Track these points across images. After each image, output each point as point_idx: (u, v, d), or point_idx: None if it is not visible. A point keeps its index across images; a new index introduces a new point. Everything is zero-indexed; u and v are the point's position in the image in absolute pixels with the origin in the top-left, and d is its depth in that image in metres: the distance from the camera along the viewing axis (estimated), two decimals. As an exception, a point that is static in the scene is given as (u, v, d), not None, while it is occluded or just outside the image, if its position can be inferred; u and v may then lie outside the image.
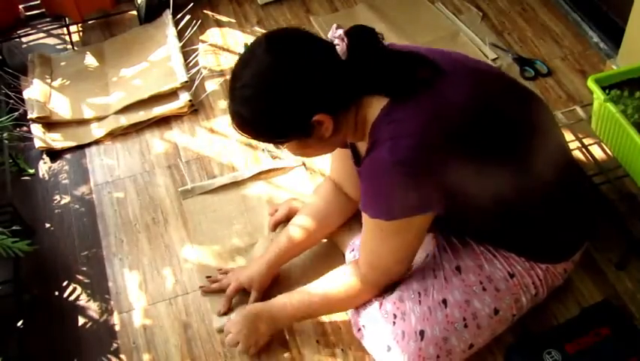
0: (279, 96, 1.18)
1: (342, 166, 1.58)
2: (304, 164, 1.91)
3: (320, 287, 1.44)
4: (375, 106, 1.23)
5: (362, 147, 1.35)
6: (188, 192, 1.86)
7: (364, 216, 1.30)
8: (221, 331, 1.55)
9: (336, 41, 1.20)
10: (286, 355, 1.51)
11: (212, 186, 1.86)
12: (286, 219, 1.71)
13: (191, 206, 1.83)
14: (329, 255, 1.66)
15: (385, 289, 1.42)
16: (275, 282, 1.60)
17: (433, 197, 1.22)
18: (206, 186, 1.86)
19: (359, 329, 1.45)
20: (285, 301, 1.46)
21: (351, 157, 1.45)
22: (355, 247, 1.56)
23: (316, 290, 1.44)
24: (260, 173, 1.89)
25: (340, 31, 1.21)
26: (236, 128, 1.26)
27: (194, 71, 2.13)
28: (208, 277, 1.65)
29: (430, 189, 1.21)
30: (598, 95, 1.68)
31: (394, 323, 1.36)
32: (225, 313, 1.57)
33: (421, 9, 2.36)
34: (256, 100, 1.20)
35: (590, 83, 1.69)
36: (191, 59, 2.19)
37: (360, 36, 1.22)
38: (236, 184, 1.87)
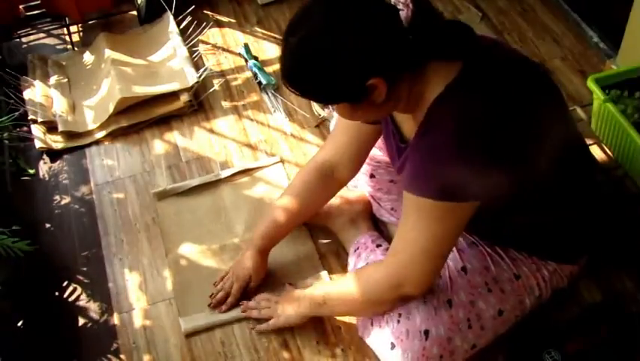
0: (335, 56, 1.13)
1: (344, 145, 1.51)
2: (282, 161, 1.91)
3: (344, 283, 1.41)
4: (437, 79, 1.18)
5: (406, 121, 1.30)
6: (162, 193, 1.84)
7: (407, 199, 1.24)
8: (188, 335, 1.55)
9: (400, 6, 1.14)
10: (286, 355, 1.52)
11: (187, 186, 1.84)
12: None
13: (166, 208, 1.81)
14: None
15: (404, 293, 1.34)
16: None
17: (486, 185, 1.18)
18: (181, 187, 1.85)
19: (363, 325, 1.45)
20: (311, 297, 1.45)
21: (392, 134, 1.37)
22: (360, 244, 1.56)
23: (340, 286, 1.42)
24: (236, 173, 1.88)
25: None
26: (287, 85, 1.20)
27: (201, 71, 2.13)
28: (210, 295, 1.60)
29: (487, 177, 1.17)
30: (598, 95, 1.68)
31: (399, 321, 1.36)
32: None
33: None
34: (310, 59, 1.15)
35: (590, 83, 1.70)
36: (193, 58, 2.19)
37: (424, 3, 1.17)
38: (212, 185, 1.85)
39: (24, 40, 2.37)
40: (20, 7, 2.35)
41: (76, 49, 2.32)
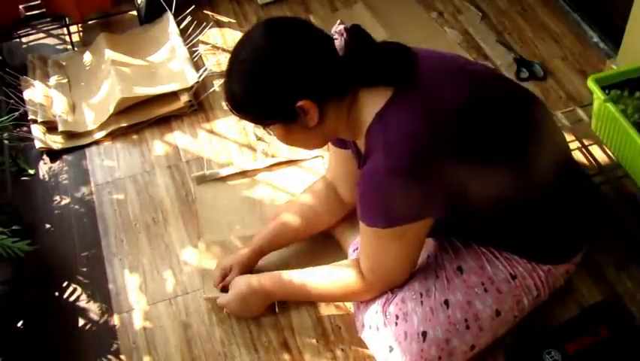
0: (267, 75, 1.21)
1: (339, 167, 1.59)
2: (322, 156, 1.91)
3: (322, 279, 1.46)
4: (370, 106, 1.24)
5: (362, 147, 1.35)
6: (201, 178, 1.87)
7: (361, 225, 1.31)
8: (209, 300, 1.60)
9: (335, 35, 1.22)
10: (286, 355, 1.51)
11: (225, 173, 1.88)
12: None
13: (204, 193, 1.84)
14: (328, 252, 1.66)
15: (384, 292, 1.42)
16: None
17: (429, 203, 1.23)
18: (220, 173, 1.88)
19: (362, 327, 1.45)
20: (282, 284, 1.49)
21: (353, 159, 1.46)
22: (358, 245, 1.56)
23: (316, 280, 1.46)
24: (274, 164, 1.90)
25: (341, 27, 1.23)
26: (228, 106, 1.28)
27: (201, 71, 2.13)
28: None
29: (426, 195, 1.22)
30: (598, 95, 1.68)
31: (396, 323, 1.36)
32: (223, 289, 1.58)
33: (410, 9, 2.39)
34: (246, 76, 1.23)
35: (590, 83, 1.69)
36: (193, 58, 2.19)
37: (359, 33, 1.24)
38: (251, 173, 1.88)
39: (24, 40, 2.37)
40: (20, 7, 2.34)
41: (76, 49, 2.32)
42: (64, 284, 1.68)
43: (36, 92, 2.11)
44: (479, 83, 1.31)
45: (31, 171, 1.96)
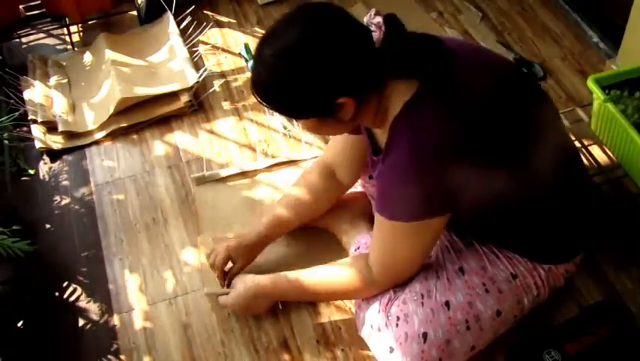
0: (308, 74, 1.16)
1: (345, 151, 1.56)
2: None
3: (325, 277, 1.45)
4: (398, 97, 1.22)
5: (380, 135, 1.34)
6: (201, 179, 1.88)
7: (379, 218, 1.30)
8: (210, 295, 1.61)
9: (372, 27, 1.19)
10: (286, 355, 1.52)
11: (225, 174, 1.88)
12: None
13: (203, 193, 1.84)
14: (329, 252, 1.66)
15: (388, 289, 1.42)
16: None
17: (452, 198, 1.22)
18: (219, 174, 1.88)
19: (363, 325, 1.45)
20: (286, 283, 1.48)
21: (359, 143, 1.45)
22: (361, 245, 1.56)
23: (318, 279, 1.46)
24: (274, 164, 1.90)
25: (379, 19, 1.19)
26: (256, 96, 1.23)
27: (201, 71, 2.13)
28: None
29: (451, 191, 1.21)
30: (598, 95, 1.68)
31: (397, 324, 1.36)
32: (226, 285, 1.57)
33: (410, 9, 2.40)
34: (283, 73, 1.17)
35: (590, 83, 1.70)
36: (193, 58, 2.19)
37: (396, 24, 1.20)
38: (250, 174, 1.89)
39: (24, 40, 2.37)
40: (20, 7, 2.35)
41: (76, 49, 2.32)
42: (65, 284, 1.68)
43: (36, 92, 2.11)
44: (502, 74, 1.30)
45: (31, 171, 1.96)
